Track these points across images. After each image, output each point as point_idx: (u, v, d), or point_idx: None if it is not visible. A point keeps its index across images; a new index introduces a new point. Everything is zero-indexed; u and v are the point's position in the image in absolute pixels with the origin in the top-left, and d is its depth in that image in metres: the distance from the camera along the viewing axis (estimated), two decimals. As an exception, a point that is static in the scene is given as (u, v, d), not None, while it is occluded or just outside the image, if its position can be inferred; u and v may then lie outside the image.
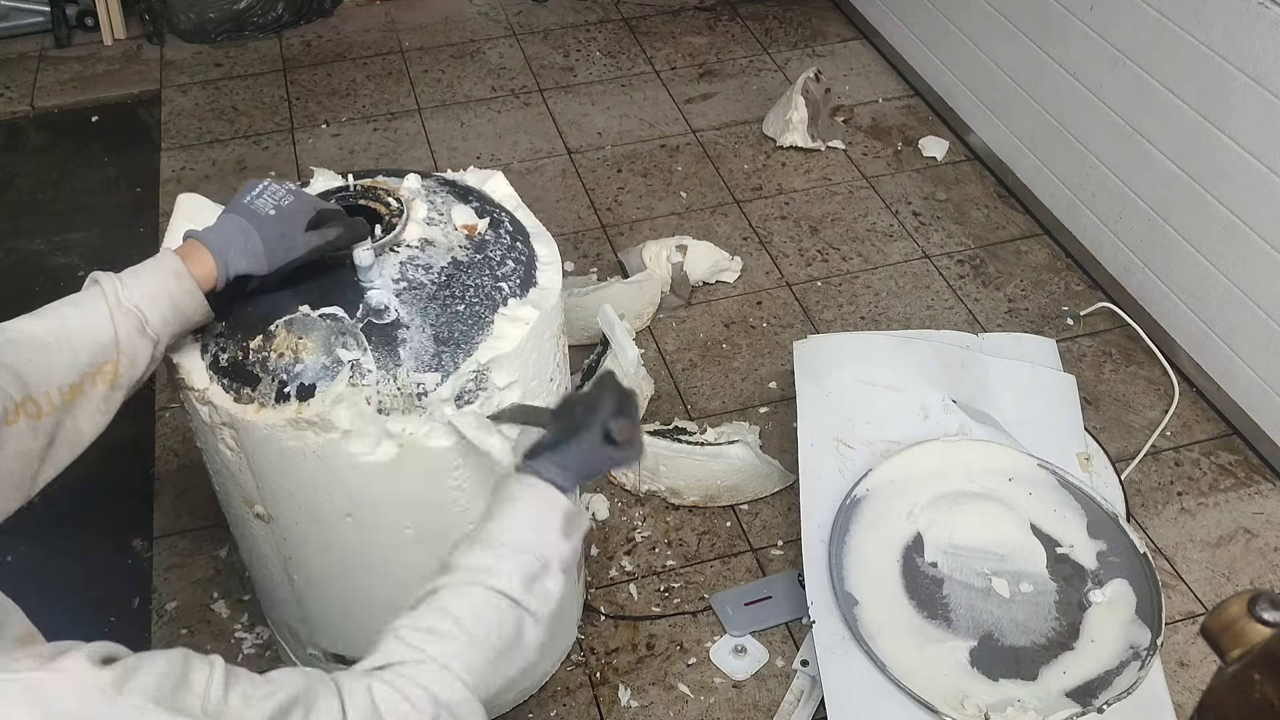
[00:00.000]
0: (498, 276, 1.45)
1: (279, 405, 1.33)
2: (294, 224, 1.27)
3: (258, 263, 1.25)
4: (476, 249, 1.46)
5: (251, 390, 1.33)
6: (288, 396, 1.32)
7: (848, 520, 1.98)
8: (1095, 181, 2.66)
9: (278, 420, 1.33)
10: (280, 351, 1.33)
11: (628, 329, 2.30)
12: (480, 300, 1.42)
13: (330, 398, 1.32)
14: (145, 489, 2.24)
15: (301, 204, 1.29)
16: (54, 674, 0.74)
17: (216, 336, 1.37)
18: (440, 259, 1.42)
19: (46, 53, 3.55)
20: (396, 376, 1.34)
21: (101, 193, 3.04)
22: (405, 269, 1.39)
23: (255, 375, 1.33)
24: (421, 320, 1.36)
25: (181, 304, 1.22)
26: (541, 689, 1.91)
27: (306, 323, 1.33)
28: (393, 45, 3.63)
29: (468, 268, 1.43)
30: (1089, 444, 2.17)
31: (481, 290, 1.42)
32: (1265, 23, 2.09)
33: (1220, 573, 2.11)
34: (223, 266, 1.24)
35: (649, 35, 3.69)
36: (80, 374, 1.13)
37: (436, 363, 1.36)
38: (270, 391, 1.33)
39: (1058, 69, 2.72)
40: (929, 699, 1.73)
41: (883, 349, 2.26)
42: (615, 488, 2.24)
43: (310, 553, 1.53)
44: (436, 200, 1.50)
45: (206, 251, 1.23)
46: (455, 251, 1.44)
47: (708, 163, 3.12)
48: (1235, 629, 0.82)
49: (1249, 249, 2.23)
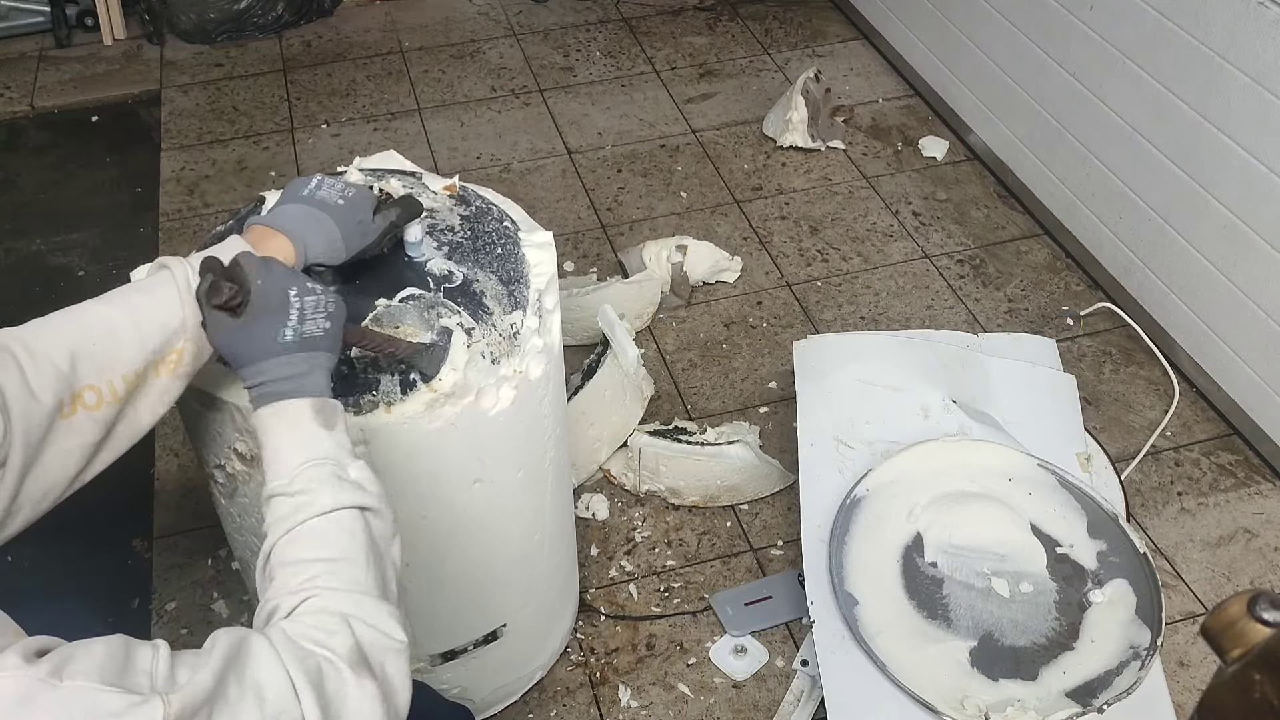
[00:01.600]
0: (496, 218, 1.55)
1: (407, 396, 1.33)
2: (365, 211, 1.28)
3: (335, 250, 1.24)
4: (463, 204, 1.55)
5: (373, 395, 1.33)
6: (413, 384, 1.33)
7: (848, 520, 1.98)
8: (1095, 181, 2.66)
9: (415, 410, 1.33)
10: None
11: (628, 329, 2.30)
12: (504, 240, 1.51)
13: (458, 363, 1.35)
14: (145, 489, 2.24)
15: (364, 193, 1.30)
16: None
17: None
18: (453, 219, 1.51)
19: (46, 53, 3.55)
20: (496, 325, 1.40)
21: (101, 193, 3.04)
22: (437, 236, 1.47)
23: (370, 380, 1.33)
24: (483, 271, 1.45)
25: None
26: (542, 690, 1.91)
27: (393, 311, 1.35)
28: (393, 45, 3.63)
29: (475, 219, 1.53)
30: (1089, 444, 2.17)
31: (499, 232, 1.52)
32: (1265, 23, 2.09)
33: (1220, 573, 2.11)
34: (302, 253, 1.19)
35: (649, 35, 3.69)
36: (146, 361, 1.07)
37: (514, 301, 1.44)
38: (393, 388, 1.33)
39: (1058, 69, 2.72)
40: (929, 699, 1.73)
41: (883, 349, 2.26)
42: (615, 487, 2.24)
43: (430, 544, 1.52)
44: (395, 181, 1.55)
45: (281, 237, 1.18)
46: (456, 210, 1.53)
47: (708, 163, 3.12)
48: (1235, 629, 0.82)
49: (1249, 249, 2.23)
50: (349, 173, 1.54)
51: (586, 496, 2.21)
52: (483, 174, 3.05)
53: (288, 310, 1.05)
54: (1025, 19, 2.81)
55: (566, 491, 1.79)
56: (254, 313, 1.03)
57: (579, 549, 2.13)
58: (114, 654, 0.78)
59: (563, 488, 1.74)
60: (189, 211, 2.94)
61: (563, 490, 1.74)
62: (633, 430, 2.25)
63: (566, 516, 1.83)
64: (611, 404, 2.22)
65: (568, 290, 2.53)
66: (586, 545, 2.14)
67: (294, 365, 1.04)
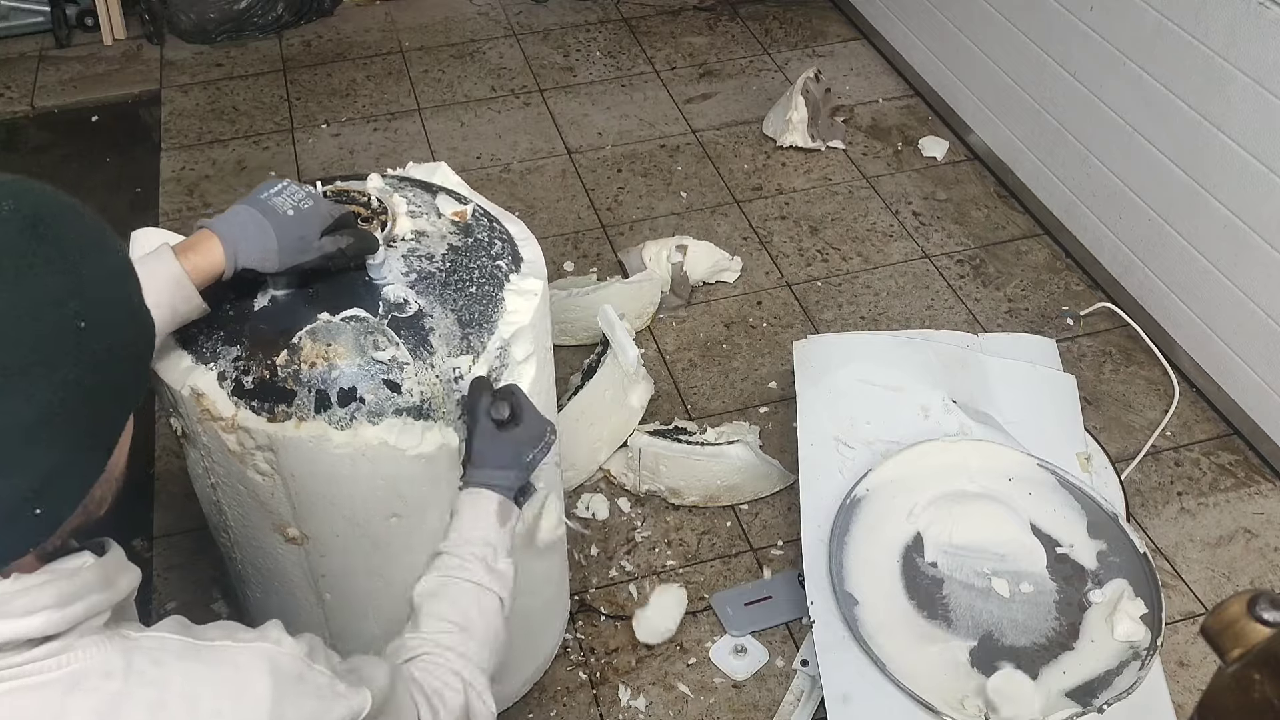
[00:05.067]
0: (492, 255, 1.48)
1: (320, 415, 1.31)
2: (311, 227, 1.27)
3: (269, 259, 1.25)
4: (464, 233, 1.48)
5: (287, 406, 1.31)
6: (329, 404, 1.31)
7: (848, 520, 1.98)
8: (1095, 181, 2.66)
9: (322, 430, 1.31)
10: (311, 361, 1.31)
11: (628, 329, 2.30)
12: (487, 279, 1.44)
13: (374, 401, 1.32)
14: (145, 489, 2.24)
15: (320, 209, 1.29)
16: (274, 644, 0.87)
17: (234, 361, 1.33)
18: (438, 247, 1.43)
19: (46, 53, 3.55)
20: (433, 365, 1.35)
21: (101, 193, 3.04)
22: (410, 261, 1.40)
23: (289, 390, 1.31)
24: (442, 307, 1.38)
25: (179, 309, 1.21)
26: (542, 690, 1.92)
27: (331, 329, 1.33)
28: (393, 45, 3.63)
29: (465, 251, 1.45)
30: (1089, 444, 2.17)
31: (485, 270, 1.45)
32: (1265, 23, 2.09)
33: (1220, 573, 2.11)
34: (231, 257, 1.23)
35: (649, 35, 3.69)
36: None
37: (466, 345, 1.38)
38: (309, 403, 1.31)
39: (1058, 69, 2.72)
40: (929, 699, 1.73)
41: (883, 349, 2.26)
42: (615, 488, 2.24)
43: (349, 566, 1.51)
44: (409, 195, 1.50)
45: (217, 241, 1.22)
46: (448, 239, 1.46)
47: (708, 163, 3.12)
48: (1235, 629, 0.82)
49: (1249, 249, 2.23)
50: (364, 181, 1.51)
51: (586, 496, 2.21)
52: (483, 174, 3.05)
53: (540, 441, 1.31)
54: (1025, 19, 2.82)
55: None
56: (519, 435, 1.29)
57: (579, 549, 2.13)
58: (325, 650, 0.94)
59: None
60: (189, 211, 2.94)
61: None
62: (633, 430, 2.25)
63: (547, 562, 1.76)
64: (611, 404, 2.22)
65: (568, 290, 2.53)
66: (586, 545, 2.14)
67: (518, 480, 1.30)
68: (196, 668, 0.81)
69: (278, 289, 1.34)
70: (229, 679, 0.82)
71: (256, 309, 1.34)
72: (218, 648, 0.84)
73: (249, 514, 1.48)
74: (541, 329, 1.51)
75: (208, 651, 0.83)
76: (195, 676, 0.81)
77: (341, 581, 1.53)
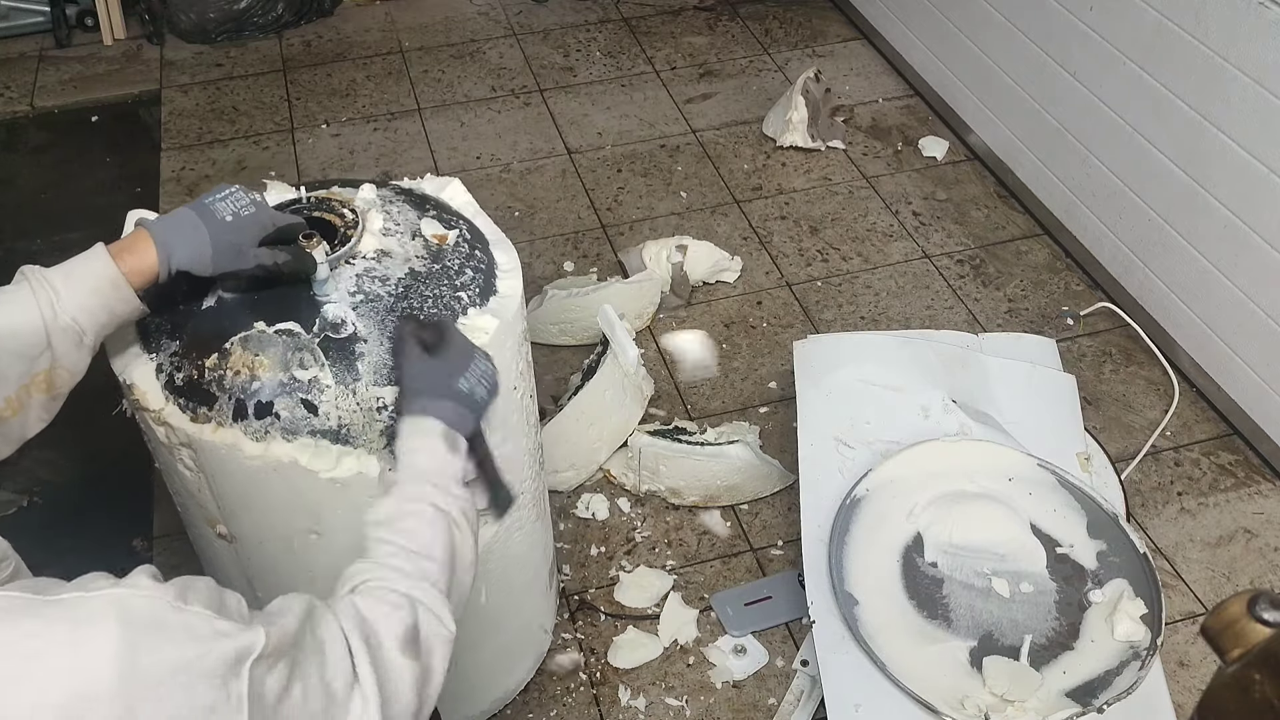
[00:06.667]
0: (456, 286, 1.42)
1: (236, 424, 1.31)
2: (247, 236, 1.26)
3: (202, 263, 1.24)
4: (434, 258, 1.42)
5: (209, 409, 1.31)
6: (245, 414, 1.30)
7: (848, 520, 1.98)
8: (1095, 181, 2.66)
9: (236, 439, 1.31)
10: (236, 369, 1.31)
11: (628, 329, 2.30)
12: (439, 311, 1.38)
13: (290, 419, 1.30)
14: (145, 489, 2.24)
15: (260, 218, 1.27)
16: (129, 589, 0.83)
17: (171, 355, 1.34)
18: (397, 270, 1.38)
19: (46, 53, 3.56)
20: (355, 391, 1.31)
21: (101, 193, 3.04)
22: (362, 281, 1.36)
23: (211, 394, 1.31)
24: (379, 333, 1.33)
25: (117, 311, 1.21)
26: (541, 690, 1.92)
27: (262, 339, 1.31)
28: (393, 45, 3.63)
29: (426, 278, 1.40)
30: (1089, 444, 2.17)
31: (440, 300, 1.39)
32: (1265, 23, 2.09)
33: (1220, 573, 2.11)
34: (165, 260, 1.22)
35: (649, 35, 3.69)
36: (16, 389, 1.14)
37: (395, 378, 1.32)
38: (227, 410, 1.30)
39: (1058, 69, 2.72)
40: (929, 699, 1.73)
41: (883, 349, 2.26)
42: (615, 488, 2.24)
43: (275, 572, 1.50)
44: (393, 210, 1.46)
45: (149, 241, 1.22)
46: (413, 262, 1.40)
47: (708, 163, 3.12)
48: (1235, 629, 0.82)
49: (1249, 249, 2.23)
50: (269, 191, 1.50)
51: (586, 496, 2.21)
52: (483, 174, 3.06)
53: (469, 364, 1.22)
54: (1025, 19, 2.82)
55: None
56: (449, 358, 1.21)
57: (579, 549, 2.13)
58: (214, 591, 0.89)
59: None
60: (189, 211, 2.94)
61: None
62: (633, 430, 2.25)
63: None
64: (611, 404, 2.22)
65: (568, 290, 2.53)
66: (586, 545, 2.14)
67: (459, 415, 1.19)
68: (34, 624, 0.77)
69: (225, 291, 1.34)
70: (68, 633, 0.77)
71: (204, 308, 1.34)
72: (64, 601, 0.80)
73: (186, 504, 1.51)
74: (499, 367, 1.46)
75: (51, 607, 0.79)
76: (32, 633, 0.76)
77: (270, 581, 1.53)
